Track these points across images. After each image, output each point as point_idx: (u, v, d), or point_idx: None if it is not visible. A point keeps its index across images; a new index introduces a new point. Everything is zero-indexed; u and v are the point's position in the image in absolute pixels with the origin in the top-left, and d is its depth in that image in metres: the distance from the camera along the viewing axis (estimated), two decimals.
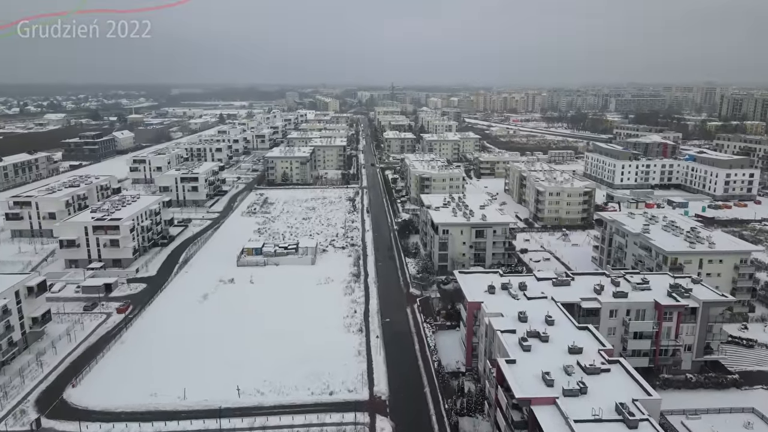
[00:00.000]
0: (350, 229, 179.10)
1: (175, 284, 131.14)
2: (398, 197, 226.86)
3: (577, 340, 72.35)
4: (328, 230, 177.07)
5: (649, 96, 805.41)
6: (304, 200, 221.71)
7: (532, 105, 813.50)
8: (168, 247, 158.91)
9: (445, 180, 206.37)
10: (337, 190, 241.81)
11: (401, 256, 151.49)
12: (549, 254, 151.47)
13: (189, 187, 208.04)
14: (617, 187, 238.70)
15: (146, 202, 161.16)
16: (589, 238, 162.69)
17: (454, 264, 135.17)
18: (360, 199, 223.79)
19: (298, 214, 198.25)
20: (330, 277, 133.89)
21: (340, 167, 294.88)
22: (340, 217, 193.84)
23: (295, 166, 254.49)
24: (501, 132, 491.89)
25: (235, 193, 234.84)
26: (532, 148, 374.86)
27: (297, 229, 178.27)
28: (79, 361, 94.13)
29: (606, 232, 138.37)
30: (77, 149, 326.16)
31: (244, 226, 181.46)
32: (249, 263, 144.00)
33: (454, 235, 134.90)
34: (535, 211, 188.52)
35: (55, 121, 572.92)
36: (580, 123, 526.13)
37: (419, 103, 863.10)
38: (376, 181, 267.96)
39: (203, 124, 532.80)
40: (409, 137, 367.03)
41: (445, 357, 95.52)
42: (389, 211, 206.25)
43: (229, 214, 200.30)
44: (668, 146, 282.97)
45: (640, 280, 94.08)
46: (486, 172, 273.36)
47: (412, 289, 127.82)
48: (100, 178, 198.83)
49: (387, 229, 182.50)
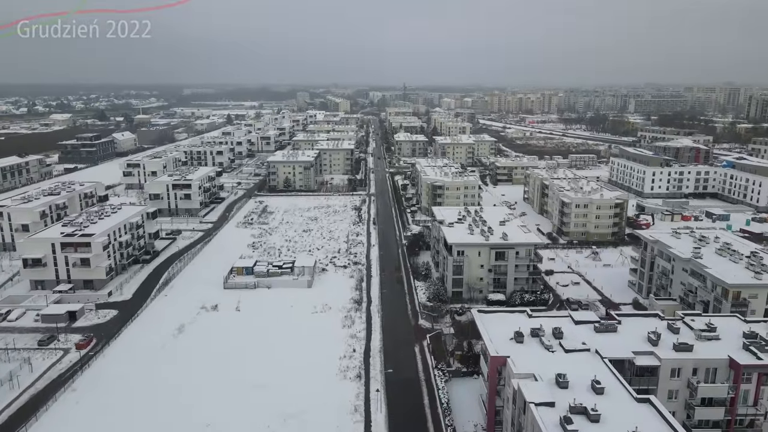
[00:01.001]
0: (354, 243, 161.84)
1: (150, 311, 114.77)
2: (408, 206, 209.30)
3: (638, 418, 54.59)
4: (330, 245, 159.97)
5: (669, 97, 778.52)
6: (306, 209, 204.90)
7: (549, 106, 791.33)
8: (151, 264, 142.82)
9: (460, 188, 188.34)
10: (343, 197, 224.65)
11: (410, 278, 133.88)
12: (578, 276, 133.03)
13: (181, 194, 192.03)
14: (647, 195, 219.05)
15: (127, 214, 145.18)
16: (622, 258, 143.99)
17: (470, 290, 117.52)
18: (367, 209, 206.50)
19: (298, 226, 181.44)
20: (328, 304, 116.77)
21: (347, 172, 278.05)
22: (344, 230, 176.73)
23: (298, 171, 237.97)
24: (517, 134, 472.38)
25: (233, 201, 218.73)
26: (550, 151, 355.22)
27: (295, 244, 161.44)
28: (17, 418, 77.81)
29: (646, 253, 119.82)
30: (74, 152, 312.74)
31: (238, 240, 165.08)
32: (237, 285, 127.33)
33: (470, 257, 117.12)
34: (559, 224, 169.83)
35: (61, 121, 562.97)
36: (600, 125, 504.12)
37: (432, 104, 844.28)
38: (385, 188, 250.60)
39: (210, 125, 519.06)
40: (421, 140, 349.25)
41: (461, 417, 77.85)
42: (398, 223, 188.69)
43: (224, 224, 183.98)
44: (701, 151, 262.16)
45: (705, 325, 75.57)
46: (503, 178, 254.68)
47: (421, 321, 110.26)
48: (85, 185, 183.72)
49: (395, 243, 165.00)
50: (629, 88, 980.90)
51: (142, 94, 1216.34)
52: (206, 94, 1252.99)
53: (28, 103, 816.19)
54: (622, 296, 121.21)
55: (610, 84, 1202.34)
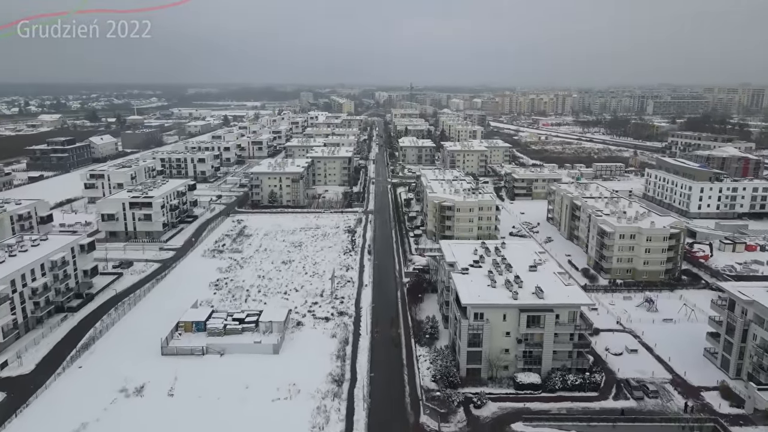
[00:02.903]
0: (342, 282, 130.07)
1: (49, 396, 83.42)
2: (412, 227, 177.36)
3: None
4: (312, 284, 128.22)
5: (690, 98, 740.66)
6: (290, 231, 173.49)
7: (562, 107, 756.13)
8: (78, 314, 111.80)
9: (473, 210, 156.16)
10: (336, 216, 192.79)
11: (410, 341, 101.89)
12: (633, 338, 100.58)
13: (141, 214, 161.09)
14: (693, 215, 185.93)
15: (52, 247, 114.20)
16: (686, 309, 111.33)
17: (492, 367, 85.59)
18: (362, 231, 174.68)
19: (277, 254, 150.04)
20: (296, 384, 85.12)
21: (343, 183, 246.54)
22: (333, 260, 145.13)
23: (285, 184, 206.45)
24: (531, 138, 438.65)
25: (208, 219, 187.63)
26: (570, 158, 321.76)
27: (270, 282, 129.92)
28: None
29: (734, 316, 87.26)
30: (44, 158, 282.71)
31: (201, 274, 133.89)
32: (180, 351, 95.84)
33: (492, 321, 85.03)
34: (597, 257, 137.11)
35: (49, 122, 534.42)
36: (621, 128, 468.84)
37: (440, 105, 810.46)
38: (386, 202, 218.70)
39: (204, 126, 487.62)
40: (428, 145, 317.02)
41: None
42: (398, 252, 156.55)
43: (188, 252, 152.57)
44: (749, 161, 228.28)
45: None
46: (521, 192, 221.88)
47: (423, 418, 78.22)
48: (22, 204, 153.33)
49: (393, 282, 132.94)
50: (644, 89, 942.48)
51: (144, 93, 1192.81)
52: (209, 93, 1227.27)
53: (22, 103, 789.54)
54: (699, 373, 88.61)
55: (621, 85, 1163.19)
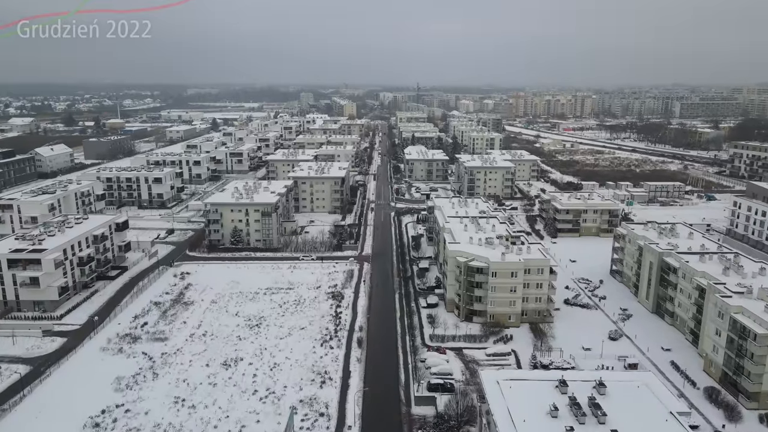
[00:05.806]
0: (310, 418, 77.77)
1: None
2: (424, 288, 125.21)
3: None
4: (259, 423, 76.06)
5: (721, 99, 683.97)
6: (251, 294, 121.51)
7: (581, 109, 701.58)
8: None
9: (517, 275, 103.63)
10: (318, 267, 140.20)
11: None
12: None
13: (24, 277, 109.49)
14: None
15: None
16: None
17: None
18: (353, 295, 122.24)
19: (221, 345, 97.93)
20: None
21: (335, 209, 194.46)
22: (302, 359, 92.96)
23: (254, 218, 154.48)
24: (555, 146, 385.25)
25: (143, 271, 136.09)
26: (609, 173, 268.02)
27: (193, 413, 77.88)
28: None
29: None
30: None
31: (78, 401, 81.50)
32: None
33: None
34: (729, 366, 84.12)
35: (20, 126, 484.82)
36: (656, 133, 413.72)
37: (448, 106, 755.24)
38: (388, 241, 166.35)
39: (188, 131, 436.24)
40: (440, 158, 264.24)
41: None
42: (404, 338, 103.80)
43: (84, 341, 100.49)
44: None
45: None
46: (565, 227, 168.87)
47: None
48: None
49: (394, 406, 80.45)
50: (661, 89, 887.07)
51: (140, 94, 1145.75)
52: (208, 94, 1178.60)
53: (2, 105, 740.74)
54: None
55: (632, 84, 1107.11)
